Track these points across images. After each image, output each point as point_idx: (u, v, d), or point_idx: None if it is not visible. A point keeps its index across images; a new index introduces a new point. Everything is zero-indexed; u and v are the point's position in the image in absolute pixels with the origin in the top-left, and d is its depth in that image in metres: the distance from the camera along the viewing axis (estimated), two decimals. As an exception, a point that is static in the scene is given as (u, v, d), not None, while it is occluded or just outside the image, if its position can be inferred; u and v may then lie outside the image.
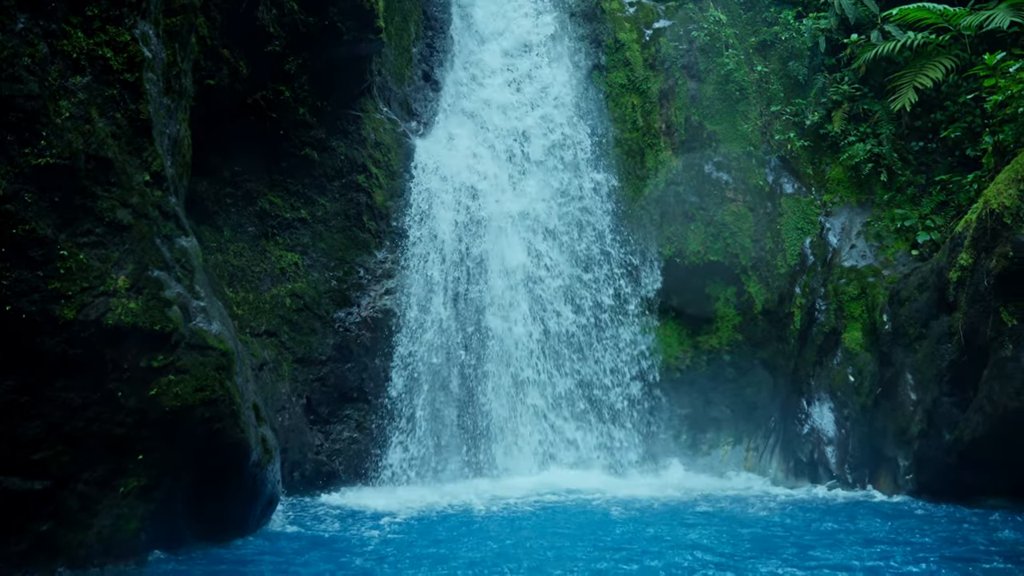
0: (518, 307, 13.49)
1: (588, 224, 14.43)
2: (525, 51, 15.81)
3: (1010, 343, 10.53)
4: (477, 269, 13.47)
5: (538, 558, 7.79)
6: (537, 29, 15.91)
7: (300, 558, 7.79)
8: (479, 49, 15.83)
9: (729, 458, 13.39)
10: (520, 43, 15.88)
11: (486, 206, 13.78)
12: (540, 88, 15.37)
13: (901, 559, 7.48)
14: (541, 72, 15.54)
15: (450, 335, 13.02)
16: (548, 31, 15.83)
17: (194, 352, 7.75)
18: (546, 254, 14.06)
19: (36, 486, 6.78)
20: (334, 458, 12.02)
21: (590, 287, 14.14)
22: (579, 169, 14.71)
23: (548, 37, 15.79)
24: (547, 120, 15.04)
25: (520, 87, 15.44)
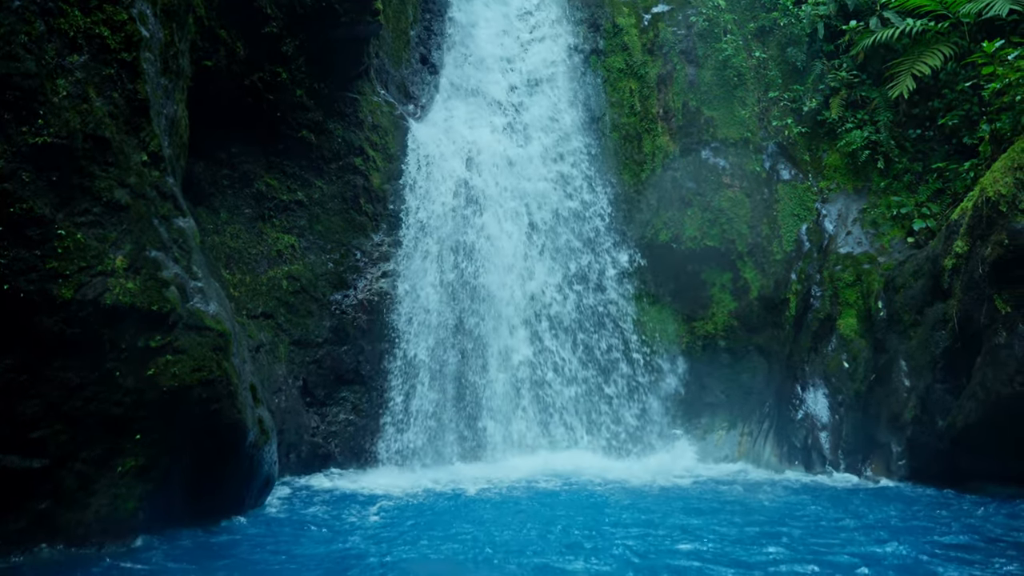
0: (515, 288, 13.50)
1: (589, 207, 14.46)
2: (525, 35, 15.79)
3: (1004, 330, 10.59)
4: (473, 250, 13.48)
5: (529, 538, 7.84)
6: (538, 11, 15.90)
7: (294, 539, 7.84)
8: (477, 33, 15.78)
9: (724, 443, 13.46)
10: (519, 25, 15.85)
11: (483, 188, 13.78)
12: (539, 71, 15.35)
13: (897, 543, 7.54)
14: (540, 55, 15.52)
15: (446, 318, 13.05)
16: (551, 15, 15.82)
17: (191, 332, 7.76)
18: (543, 233, 14.08)
19: (35, 464, 6.80)
20: (330, 440, 12.05)
21: (586, 267, 14.18)
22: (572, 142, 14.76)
23: (550, 21, 15.78)
24: (545, 104, 15.03)
25: (519, 70, 15.42)
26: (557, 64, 15.52)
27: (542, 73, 15.43)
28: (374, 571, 6.55)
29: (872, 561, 6.86)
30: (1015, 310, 10.56)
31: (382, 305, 12.79)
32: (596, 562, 6.79)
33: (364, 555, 7.19)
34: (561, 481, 11.22)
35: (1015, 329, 10.50)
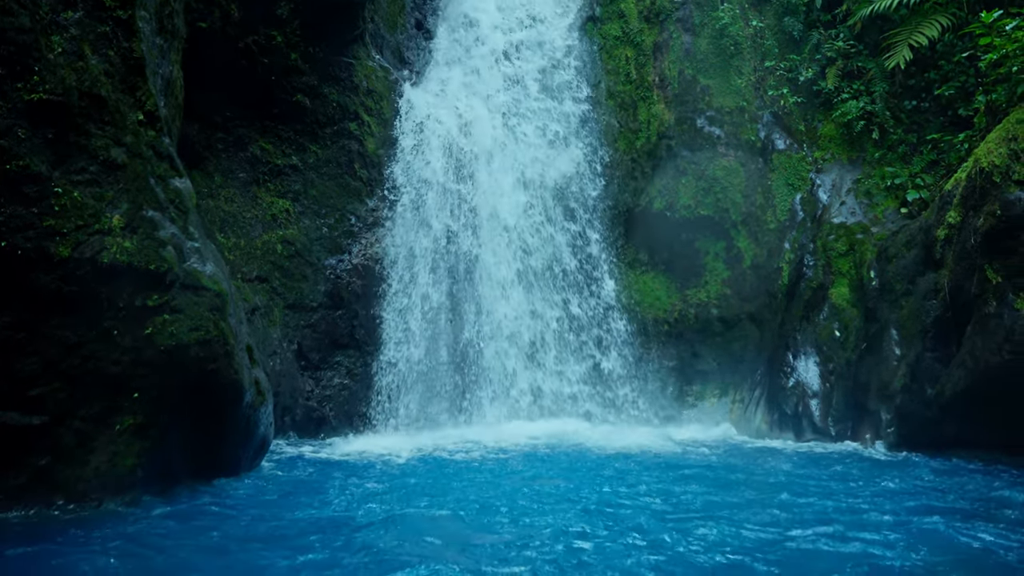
0: (509, 257, 13.53)
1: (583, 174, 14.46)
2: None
3: (994, 300, 10.68)
4: (468, 218, 13.48)
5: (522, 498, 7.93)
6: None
7: (289, 500, 7.86)
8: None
9: (715, 410, 13.59)
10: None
11: (477, 153, 13.75)
12: (534, 37, 15.27)
13: (890, 506, 7.67)
14: (536, 20, 15.43)
15: (441, 285, 13.08)
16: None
17: (188, 292, 7.77)
18: (537, 199, 14.09)
19: (34, 421, 6.83)
20: (324, 404, 12.12)
21: (578, 234, 14.20)
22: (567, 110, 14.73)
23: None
24: (541, 68, 14.97)
25: (514, 36, 15.33)
26: (552, 31, 15.42)
27: (538, 39, 15.34)
28: (367, 532, 6.60)
29: (863, 522, 6.97)
30: (1006, 280, 10.64)
31: (376, 270, 12.81)
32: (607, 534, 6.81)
33: (357, 517, 7.22)
34: (551, 446, 11.31)
35: (1005, 299, 10.59)
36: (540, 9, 15.77)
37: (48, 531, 6.29)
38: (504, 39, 15.34)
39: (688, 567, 5.61)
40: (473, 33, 15.35)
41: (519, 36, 15.39)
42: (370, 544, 6.23)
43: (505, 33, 15.42)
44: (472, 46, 15.23)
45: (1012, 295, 10.53)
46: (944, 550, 6.06)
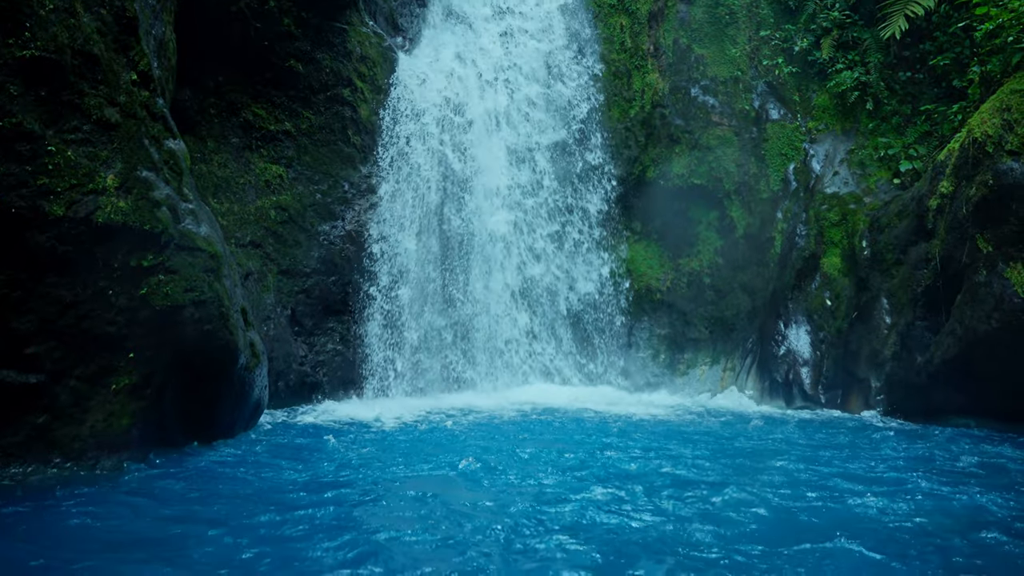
0: (503, 223, 13.52)
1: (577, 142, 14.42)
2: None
3: (984, 269, 10.78)
4: (461, 185, 13.46)
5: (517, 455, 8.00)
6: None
7: (282, 462, 7.87)
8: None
9: (706, 377, 13.69)
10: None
11: (471, 120, 13.70)
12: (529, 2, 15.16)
13: (883, 467, 7.77)
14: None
15: (434, 251, 13.08)
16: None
17: (183, 253, 7.77)
18: (530, 166, 14.06)
19: (31, 379, 6.84)
20: (318, 369, 12.15)
21: (572, 202, 14.20)
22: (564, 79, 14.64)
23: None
24: (535, 34, 14.87)
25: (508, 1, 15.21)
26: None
27: (533, 3, 15.22)
28: (357, 493, 6.64)
29: (856, 481, 7.08)
30: (996, 249, 10.74)
31: (370, 236, 12.80)
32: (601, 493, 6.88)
33: (349, 478, 7.27)
34: (543, 411, 11.38)
35: (995, 268, 10.69)
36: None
37: (46, 487, 6.33)
38: (498, 3, 15.21)
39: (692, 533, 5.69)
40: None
41: (513, 1, 15.27)
42: (361, 501, 6.28)
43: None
44: (466, 12, 15.10)
45: (1003, 264, 10.63)
46: (936, 509, 6.16)
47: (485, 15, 15.09)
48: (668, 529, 5.50)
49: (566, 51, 14.89)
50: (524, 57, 14.75)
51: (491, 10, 15.15)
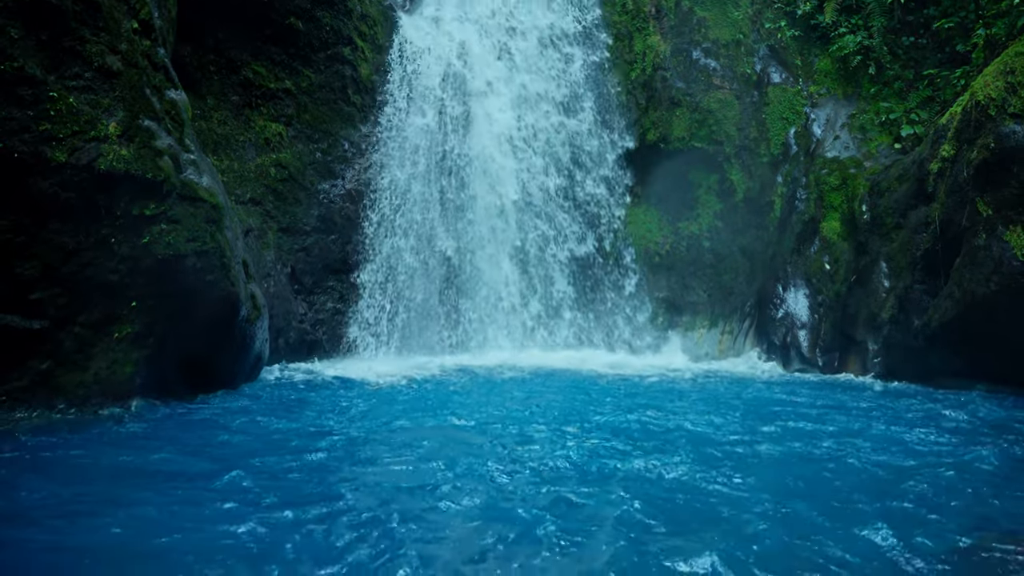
0: (503, 183, 13.49)
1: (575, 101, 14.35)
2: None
3: (983, 232, 10.80)
4: (463, 144, 13.41)
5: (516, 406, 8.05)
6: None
7: (280, 411, 7.88)
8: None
9: (704, 340, 13.75)
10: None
11: (471, 79, 13.62)
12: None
13: (883, 423, 7.83)
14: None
15: (434, 211, 13.06)
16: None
17: (185, 203, 7.75)
18: (531, 128, 14.00)
19: (34, 325, 6.85)
20: (318, 328, 12.17)
21: (573, 165, 14.16)
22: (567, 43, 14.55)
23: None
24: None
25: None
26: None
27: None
28: (357, 439, 6.67)
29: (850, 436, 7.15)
30: (996, 213, 10.75)
31: (369, 195, 12.77)
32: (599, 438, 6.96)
33: (348, 426, 7.30)
34: (542, 370, 11.42)
35: (995, 231, 10.71)
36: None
37: (52, 429, 6.37)
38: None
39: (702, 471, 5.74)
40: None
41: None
42: (359, 446, 6.32)
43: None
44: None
45: (1002, 227, 10.65)
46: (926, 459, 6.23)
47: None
48: (635, 466, 5.54)
49: (567, 13, 14.77)
50: (525, 16, 14.63)
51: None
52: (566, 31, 14.64)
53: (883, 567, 3.78)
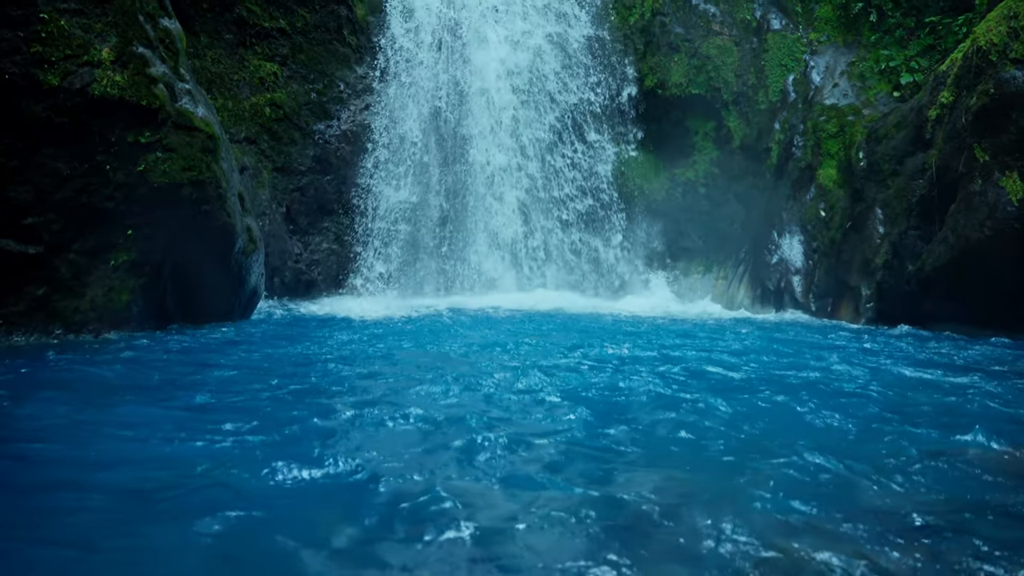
0: (501, 127, 13.41)
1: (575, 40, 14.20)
2: None
3: (980, 178, 10.80)
4: (458, 86, 13.29)
5: (508, 337, 8.08)
6: None
7: (276, 341, 7.83)
8: None
9: (699, 285, 13.79)
10: None
11: (467, 20, 13.46)
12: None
13: (864, 357, 7.89)
14: None
15: (430, 152, 12.99)
16: None
17: (181, 132, 7.69)
18: (527, 67, 13.88)
19: (30, 250, 6.83)
20: (313, 268, 12.17)
21: (571, 109, 14.07)
22: None
23: None
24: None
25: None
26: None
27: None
28: (356, 362, 6.68)
29: (840, 371, 7.20)
30: (993, 159, 10.73)
31: (364, 137, 12.68)
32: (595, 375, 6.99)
33: (346, 351, 7.28)
34: (537, 311, 11.45)
35: (991, 177, 10.70)
36: None
37: (50, 352, 6.36)
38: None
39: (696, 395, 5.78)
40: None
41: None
42: (356, 367, 6.33)
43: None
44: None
45: (998, 173, 10.64)
46: (914, 388, 6.28)
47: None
48: (621, 384, 5.57)
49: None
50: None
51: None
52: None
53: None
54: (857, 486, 3.39)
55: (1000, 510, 3.15)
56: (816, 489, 3.33)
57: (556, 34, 14.12)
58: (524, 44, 13.91)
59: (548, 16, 14.14)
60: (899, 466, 3.69)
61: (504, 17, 13.78)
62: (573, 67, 14.17)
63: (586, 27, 14.36)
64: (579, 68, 14.19)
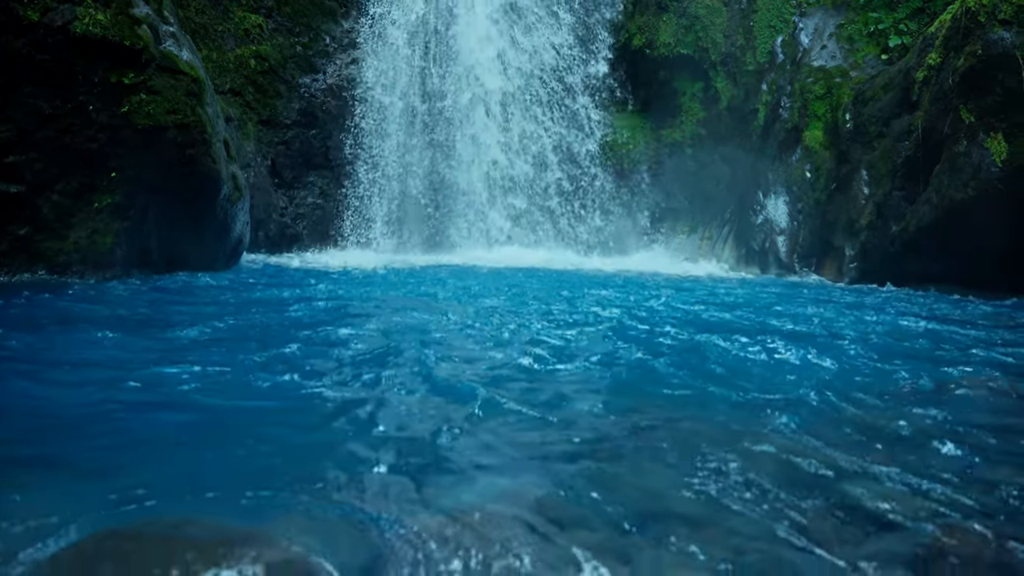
0: (488, 82, 13.31)
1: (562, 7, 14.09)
2: None
3: (965, 139, 10.85)
4: (445, 42, 13.16)
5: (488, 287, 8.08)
6: None
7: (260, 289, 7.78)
8: None
9: (684, 245, 13.82)
10: None
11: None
12: None
13: (847, 311, 7.96)
14: None
15: (416, 108, 12.88)
16: None
17: (165, 75, 7.58)
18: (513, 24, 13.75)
19: (11, 189, 6.73)
20: (298, 222, 12.09)
21: (563, 69, 13.97)
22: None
23: None
24: None
25: None
26: None
27: None
28: (340, 302, 6.65)
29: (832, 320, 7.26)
30: (978, 120, 10.79)
31: (350, 91, 12.56)
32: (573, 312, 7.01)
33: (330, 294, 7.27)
34: (522, 268, 11.42)
35: (976, 138, 10.76)
36: None
37: (33, 289, 6.29)
38: None
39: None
40: None
41: None
42: (340, 306, 6.31)
43: None
44: None
45: (983, 135, 10.70)
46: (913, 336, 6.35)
47: None
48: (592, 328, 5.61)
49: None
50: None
51: None
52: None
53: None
54: (878, 413, 3.40)
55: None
56: (834, 416, 3.33)
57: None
58: (513, 3, 13.77)
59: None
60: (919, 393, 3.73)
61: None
62: (561, 24, 14.05)
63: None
64: (567, 25, 14.07)
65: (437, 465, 2.36)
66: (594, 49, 14.23)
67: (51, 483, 2.16)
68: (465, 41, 13.33)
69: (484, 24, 13.58)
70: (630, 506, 2.10)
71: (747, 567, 1.77)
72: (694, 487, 2.24)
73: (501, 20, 13.69)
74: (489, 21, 13.64)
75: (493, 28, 13.67)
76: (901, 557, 1.81)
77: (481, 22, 13.57)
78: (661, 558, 1.77)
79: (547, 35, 14.00)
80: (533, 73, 13.87)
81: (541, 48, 13.93)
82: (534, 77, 13.86)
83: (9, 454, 2.42)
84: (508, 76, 13.61)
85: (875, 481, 2.33)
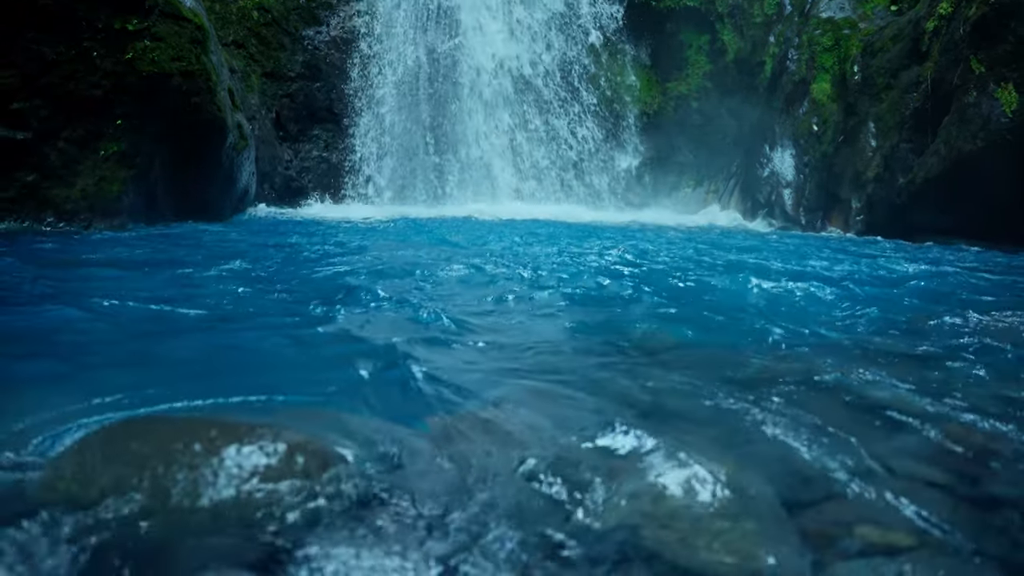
0: (494, 38, 13.19)
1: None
2: None
3: (974, 90, 10.75)
4: None
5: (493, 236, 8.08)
6: None
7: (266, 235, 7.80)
8: None
9: (689, 199, 13.79)
10: None
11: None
12: None
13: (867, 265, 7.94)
14: None
15: (422, 61, 12.78)
16: None
17: (169, 21, 7.53)
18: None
19: (18, 136, 6.72)
20: (303, 175, 12.07)
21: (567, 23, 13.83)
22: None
23: None
24: None
25: None
26: None
27: None
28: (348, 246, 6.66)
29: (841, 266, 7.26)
30: (989, 71, 10.68)
31: (355, 44, 12.46)
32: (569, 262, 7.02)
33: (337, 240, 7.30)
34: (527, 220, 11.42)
35: (986, 89, 10.66)
36: None
37: (42, 236, 6.32)
38: None
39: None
40: None
41: None
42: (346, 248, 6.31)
43: None
44: None
45: (993, 85, 10.60)
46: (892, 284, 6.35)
47: None
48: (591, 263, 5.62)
49: None
50: None
51: None
52: None
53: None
54: (899, 339, 3.42)
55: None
56: (858, 342, 3.36)
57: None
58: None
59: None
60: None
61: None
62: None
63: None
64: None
65: (442, 379, 2.39)
66: (601, 3, 14.05)
67: (77, 385, 2.21)
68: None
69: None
70: (640, 408, 2.14)
71: (758, 455, 1.80)
72: (712, 396, 2.27)
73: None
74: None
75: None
76: (917, 450, 1.87)
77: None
78: (676, 429, 1.80)
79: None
80: (541, 25, 13.72)
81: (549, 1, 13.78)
82: (541, 26, 13.72)
83: (44, 368, 2.48)
84: (516, 35, 13.47)
85: (893, 390, 2.38)
